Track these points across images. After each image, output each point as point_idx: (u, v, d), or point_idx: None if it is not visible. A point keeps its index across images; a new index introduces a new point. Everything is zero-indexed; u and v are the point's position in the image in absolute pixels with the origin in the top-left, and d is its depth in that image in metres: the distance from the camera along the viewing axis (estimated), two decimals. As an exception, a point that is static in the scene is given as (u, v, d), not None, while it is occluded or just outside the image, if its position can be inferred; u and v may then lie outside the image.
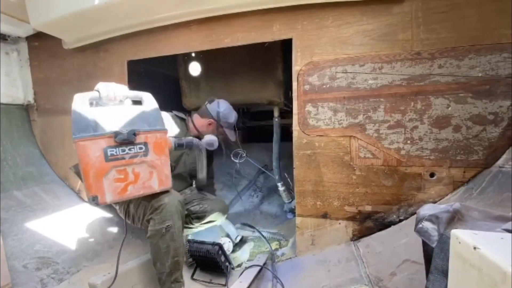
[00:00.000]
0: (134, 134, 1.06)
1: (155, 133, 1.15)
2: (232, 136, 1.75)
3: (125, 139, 1.04)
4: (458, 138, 1.22)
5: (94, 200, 1.01)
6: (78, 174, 1.07)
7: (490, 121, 1.17)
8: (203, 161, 1.43)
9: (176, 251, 1.19)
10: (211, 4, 1.47)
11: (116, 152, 1.04)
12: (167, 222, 1.17)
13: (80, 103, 1.04)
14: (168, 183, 1.19)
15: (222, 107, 1.67)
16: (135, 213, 1.31)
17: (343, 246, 1.40)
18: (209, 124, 1.67)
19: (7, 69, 2.05)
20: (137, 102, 1.20)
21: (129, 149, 1.07)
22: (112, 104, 1.12)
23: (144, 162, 1.10)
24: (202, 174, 1.46)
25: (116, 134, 1.03)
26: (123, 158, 1.05)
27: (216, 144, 1.56)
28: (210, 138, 1.55)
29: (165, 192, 1.21)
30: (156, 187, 1.15)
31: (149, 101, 1.21)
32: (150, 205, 1.20)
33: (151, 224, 1.19)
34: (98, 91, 1.09)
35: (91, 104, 1.07)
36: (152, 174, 1.13)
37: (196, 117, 1.69)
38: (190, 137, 1.43)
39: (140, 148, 1.09)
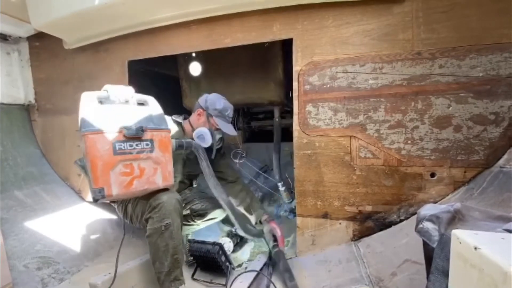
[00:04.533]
0: (142, 130, 1.11)
1: (160, 131, 1.19)
2: (226, 128, 1.56)
3: (134, 134, 1.08)
4: (459, 138, 1.22)
5: (100, 192, 1.02)
6: (83, 167, 1.09)
7: (491, 121, 1.17)
8: (204, 161, 1.41)
9: (175, 249, 1.19)
10: (211, 4, 1.48)
11: (124, 147, 1.07)
12: (166, 220, 1.17)
13: (89, 100, 1.08)
14: (171, 180, 1.22)
15: (210, 95, 1.58)
16: (133, 213, 1.31)
17: (343, 246, 1.40)
18: (199, 114, 1.57)
19: (8, 69, 2.05)
20: (141, 104, 1.23)
21: (136, 145, 1.10)
22: (118, 103, 1.15)
23: (149, 158, 1.14)
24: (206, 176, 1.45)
25: (125, 129, 1.07)
26: (130, 153, 1.09)
27: (207, 138, 1.48)
28: (199, 130, 1.50)
29: (163, 190, 1.22)
30: (160, 183, 1.17)
31: (153, 103, 1.26)
32: (148, 204, 1.20)
33: (150, 223, 1.19)
34: (107, 91, 1.13)
35: (99, 102, 1.11)
36: (157, 170, 1.16)
37: (192, 115, 1.66)
38: (190, 139, 1.43)
39: (147, 145, 1.13)
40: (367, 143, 1.34)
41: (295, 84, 1.44)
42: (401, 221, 1.31)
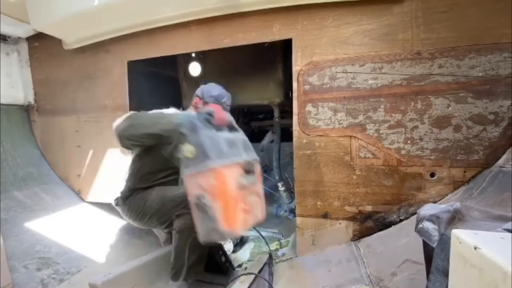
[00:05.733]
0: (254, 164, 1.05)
1: (258, 163, 1.14)
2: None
3: (252, 168, 1.03)
4: (459, 138, 1.22)
5: (231, 235, 0.96)
6: (201, 206, 0.95)
7: (490, 121, 1.17)
8: None
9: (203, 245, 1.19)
10: (211, 4, 1.47)
11: (244, 181, 1.00)
12: None
13: (200, 125, 0.98)
14: (264, 212, 1.14)
15: (205, 85, 1.54)
16: (158, 209, 1.28)
17: (343, 246, 1.40)
18: (195, 103, 1.53)
19: (8, 69, 2.05)
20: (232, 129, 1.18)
21: (249, 178, 1.03)
22: (215, 129, 1.06)
23: (255, 192, 1.07)
24: None
25: (247, 162, 1.00)
26: (247, 187, 1.01)
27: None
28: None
29: None
30: (259, 216, 1.10)
31: (239, 128, 1.20)
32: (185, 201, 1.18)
33: (184, 218, 1.18)
34: (211, 115, 1.05)
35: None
36: (259, 203, 1.10)
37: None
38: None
39: (253, 178, 1.07)
40: (367, 143, 1.34)
41: (295, 84, 1.44)
42: (401, 221, 1.31)
